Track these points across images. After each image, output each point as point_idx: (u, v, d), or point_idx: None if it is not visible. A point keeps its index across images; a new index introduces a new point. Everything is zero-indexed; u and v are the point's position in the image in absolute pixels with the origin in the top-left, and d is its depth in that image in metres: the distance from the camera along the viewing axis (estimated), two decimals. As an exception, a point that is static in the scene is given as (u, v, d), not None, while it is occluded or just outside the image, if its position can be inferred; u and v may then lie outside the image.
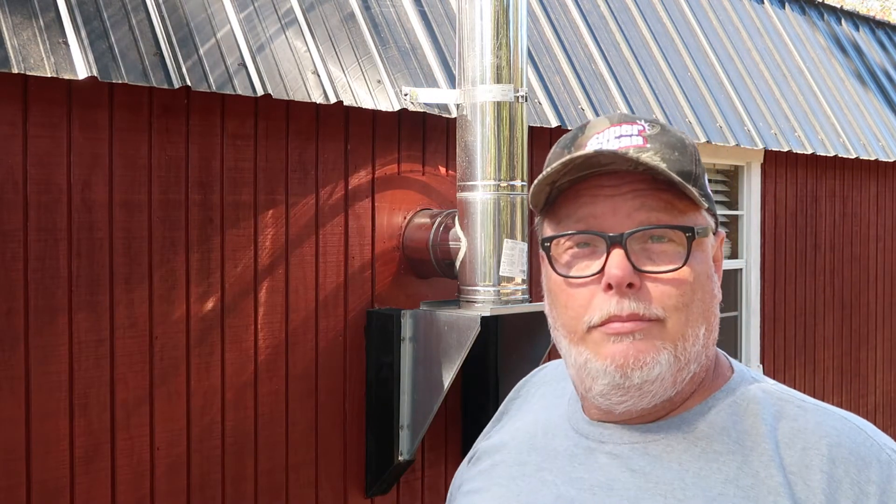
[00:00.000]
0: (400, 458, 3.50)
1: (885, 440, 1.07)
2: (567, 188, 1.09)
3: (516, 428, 1.24)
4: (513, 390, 1.33)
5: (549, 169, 1.06)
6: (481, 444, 1.27)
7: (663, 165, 1.05)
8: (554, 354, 4.01)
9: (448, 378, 3.36)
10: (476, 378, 3.81)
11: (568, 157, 1.06)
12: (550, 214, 1.11)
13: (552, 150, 1.14)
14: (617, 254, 1.05)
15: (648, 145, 1.08)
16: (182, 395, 3.09)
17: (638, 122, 1.11)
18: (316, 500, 3.46)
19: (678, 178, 1.05)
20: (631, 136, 1.09)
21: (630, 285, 1.05)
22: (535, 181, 1.08)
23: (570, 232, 1.08)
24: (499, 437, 1.25)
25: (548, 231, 1.11)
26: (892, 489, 1.02)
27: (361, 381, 3.57)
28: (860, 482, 1.02)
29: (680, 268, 1.06)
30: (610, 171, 1.07)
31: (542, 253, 1.13)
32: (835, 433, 1.05)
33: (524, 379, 1.33)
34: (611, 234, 1.06)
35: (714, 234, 1.11)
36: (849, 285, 6.41)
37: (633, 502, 1.06)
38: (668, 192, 1.06)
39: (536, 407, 1.24)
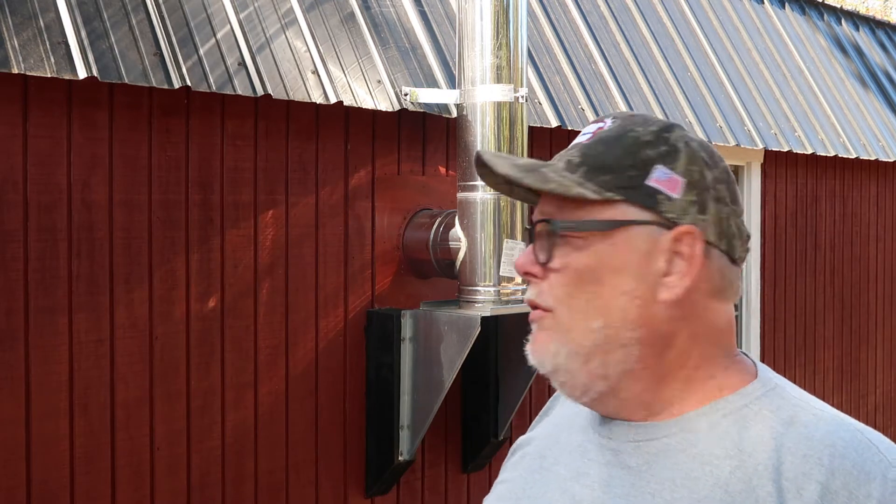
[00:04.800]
0: (400, 458, 3.50)
1: None
2: None
3: (549, 422, 1.27)
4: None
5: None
6: (521, 438, 1.31)
7: (571, 158, 1.10)
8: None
9: (448, 378, 3.36)
10: (476, 378, 3.81)
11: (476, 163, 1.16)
12: None
13: None
14: (530, 245, 1.12)
15: (586, 142, 1.12)
16: (182, 395, 3.09)
17: (606, 119, 1.14)
18: (316, 500, 3.46)
19: (523, 177, 1.09)
20: (586, 134, 1.14)
21: (531, 275, 1.11)
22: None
23: (527, 226, 1.17)
24: (534, 432, 1.28)
25: None
26: None
27: (361, 381, 3.57)
28: (858, 497, 0.99)
29: (546, 261, 1.09)
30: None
31: None
32: (841, 444, 1.02)
33: None
34: (527, 226, 1.13)
35: (669, 227, 1.08)
36: (849, 285, 6.41)
37: (625, 499, 1.07)
38: (581, 187, 1.09)
39: (571, 404, 1.25)
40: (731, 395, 1.09)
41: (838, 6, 7.32)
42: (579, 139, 1.13)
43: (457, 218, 3.45)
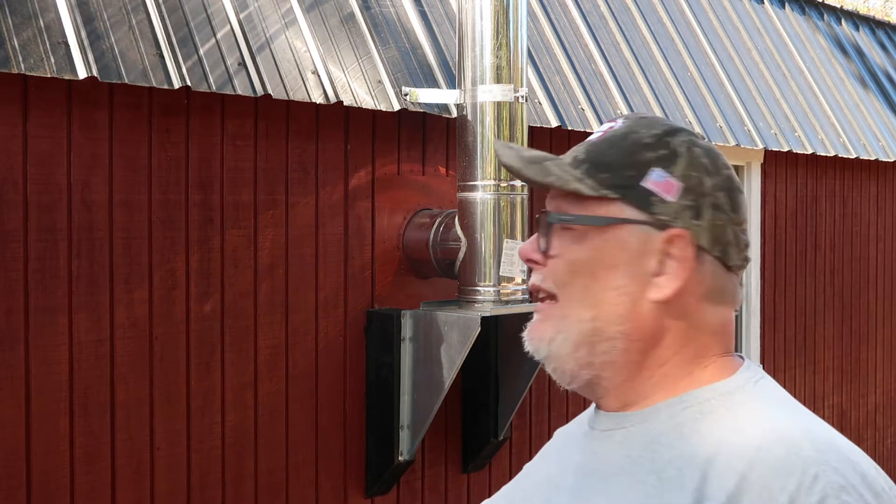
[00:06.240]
0: (400, 458, 3.50)
1: (831, 458, 1.01)
2: None
3: (586, 413, 1.34)
4: None
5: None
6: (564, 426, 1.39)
7: (576, 156, 1.15)
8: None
9: (448, 378, 3.36)
10: (476, 378, 3.81)
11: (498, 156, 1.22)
12: None
13: None
14: (535, 234, 1.17)
15: (598, 141, 1.16)
16: (182, 395, 3.09)
17: (617, 120, 1.18)
18: (316, 500, 3.46)
19: (528, 172, 1.15)
20: (598, 133, 1.19)
21: (534, 262, 1.17)
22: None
23: (536, 216, 1.22)
24: (574, 420, 1.36)
25: None
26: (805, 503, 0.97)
27: (361, 381, 3.57)
28: (772, 488, 0.98)
29: (544, 250, 1.15)
30: None
31: None
32: (772, 438, 1.02)
33: None
34: (536, 217, 1.18)
35: (663, 228, 1.11)
36: (849, 285, 6.41)
37: (582, 477, 1.14)
38: (580, 183, 1.13)
39: None
40: (698, 390, 1.12)
41: (838, 6, 7.32)
42: (590, 138, 1.19)
43: (457, 218, 3.45)
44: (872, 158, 6.24)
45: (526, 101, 3.45)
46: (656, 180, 1.11)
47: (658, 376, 1.13)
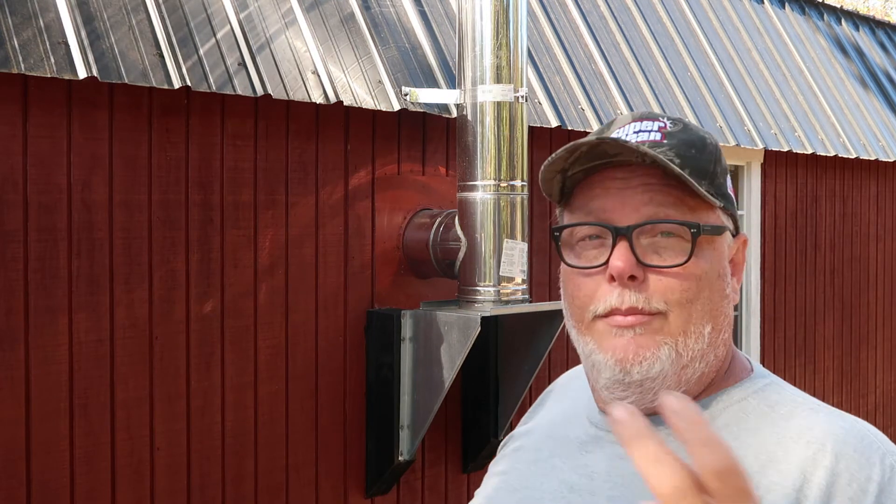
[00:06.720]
0: (400, 458, 3.50)
1: (893, 448, 1.07)
2: (582, 180, 1.11)
3: (543, 416, 1.28)
4: (553, 382, 1.37)
5: (553, 155, 1.07)
6: (516, 430, 1.32)
7: (671, 160, 1.06)
8: (554, 355, 4.01)
9: (448, 378, 3.36)
10: (476, 378, 3.81)
11: (572, 143, 1.06)
12: (568, 205, 1.13)
13: None
14: (622, 246, 1.06)
15: (665, 141, 1.09)
16: (182, 395, 3.09)
17: (660, 118, 1.12)
18: (316, 500, 3.46)
19: (684, 174, 1.04)
20: (650, 131, 1.10)
21: (633, 278, 1.06)
22: (542, 167, 1.09)
23: (577, 223, 1.10)
24: (529, 425, 1.29)
25: (563, 221, 1.13)
26: (892, 491, 1.01)
27: (361, 381, 3.57)
28: (859, 479, 1.01)
29: (683, 263, 1.05)
30: (621, 163, 1.08)
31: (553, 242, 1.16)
32: (841, 432, 1.05)
33: (566, 373, 1.36)
34: (617, 227, 1.06)
35: (734, 235, 1.13)
36: (849, 285, 6.41)
37: (622, 488, 1.08)
38: (678, 188, 1.06)
39: (565, 398, 1.27)
40: (731, 389, 1.12)
41: (838, 6, 7.32)
42: (647, 136, 1.10)
43: (457, 218, 3.45)
44: (872, 158, 6.24)
45: (526, 101, 3.45)
46: (730, 188, 1.13)
47: (692, 378, 1.10)
